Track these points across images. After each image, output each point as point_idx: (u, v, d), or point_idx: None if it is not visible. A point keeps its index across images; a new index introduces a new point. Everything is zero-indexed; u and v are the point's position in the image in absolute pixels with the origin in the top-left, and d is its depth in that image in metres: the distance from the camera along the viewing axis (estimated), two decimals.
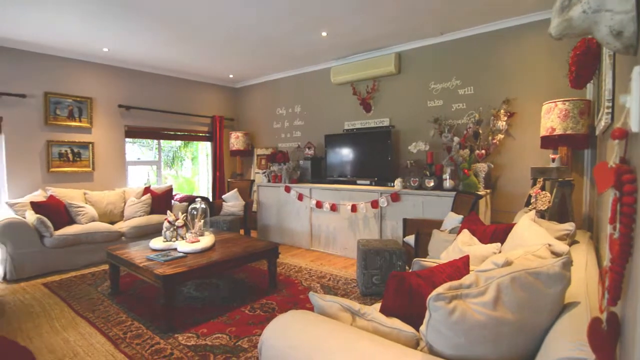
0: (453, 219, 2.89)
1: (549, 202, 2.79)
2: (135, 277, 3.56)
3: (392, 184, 4.25)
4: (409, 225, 3.52)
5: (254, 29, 3.95)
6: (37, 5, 3.32)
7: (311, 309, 1.34)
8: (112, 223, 4.61)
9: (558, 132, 2.85)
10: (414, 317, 1.31)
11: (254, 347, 2.32)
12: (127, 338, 2.45)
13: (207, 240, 3.27)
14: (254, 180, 6.08)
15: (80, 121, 4.91)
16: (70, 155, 4.83)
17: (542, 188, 2.92)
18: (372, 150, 4.65)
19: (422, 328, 1.09)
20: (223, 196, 5.74)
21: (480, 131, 3.83)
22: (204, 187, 6.93)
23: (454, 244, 2.08)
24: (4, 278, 3.68)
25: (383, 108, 4.81)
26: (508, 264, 1.22)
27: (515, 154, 3.76)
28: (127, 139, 5.46)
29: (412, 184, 3.96)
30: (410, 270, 1.76)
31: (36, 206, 3.97)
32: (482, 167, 3.68)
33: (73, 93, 4.85)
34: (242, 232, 5.31)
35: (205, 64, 5.45)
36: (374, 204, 4.17)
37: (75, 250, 4.04)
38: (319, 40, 4.34)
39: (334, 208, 4.56)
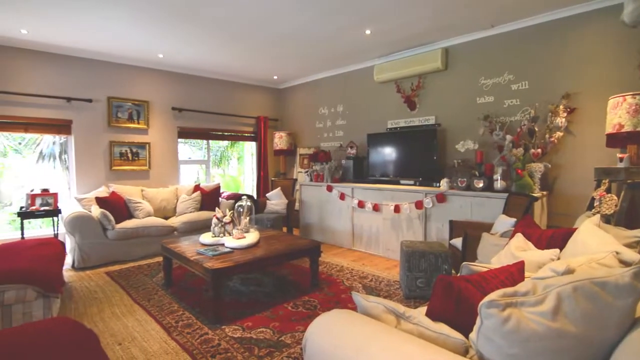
0: (505, 222, 2.74)
1: (616, 205, 2.54)
2: (186, 269, 3.76)
3: (438, 184, 4.11)
4: (455, 228, 3.39)
5: (300, 30, 4.01)
6: (102, 17, 3.63)
7: (353, 308, 1.34)
8: (166, 218, 4.92)
9: (627, 128, 2.58)
10: (462, 323, 1.26)
11: (296, 343, 2.36)
12: (179, 327, 2.60)
13: (252, 236, 3.37)
14: (296, 179, 6.17)
15: (138, 123, 5.29)
16: (129, 155, 5.22)
17: (608, 190, 2.66)
18: (416, 150, 4.53)
19: (472, 335, 1.04)
20: (267, 194, 5.89)
21: (536, 129, 3.58)
22: (248, 186, 7.16)
23: (506, 249, 1.96)
24: (73, 266, 4.07)
25: (428, 106, 4.66)
26: (569, 272, 1.14)
27: (575, 153, 3.47)
28: (179, 140, 5.79)
29: (460, 185, 3.80)
30: (459, 275, 1.70)
31: (100, 201, 4.33)
32: (537, 167, 3.44)
33: (132, 97, 5.24)
34: (284, 229, 5.42)
35: (252, 66, 5.62)
36: (418, 205, 4.06)
37: (133, 243, 4.35)
38: (363, 39, 4.31)
39: (376, 208, 4.50)
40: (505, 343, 0.93)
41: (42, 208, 4.39)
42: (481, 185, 3.64)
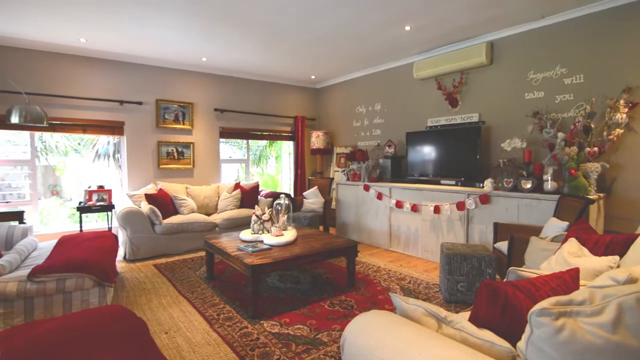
0: (556, 226, 2.56)
1: None
2: (227, 264, 3.90)
3: (482, 185, 3.94)
4: (500, 231, 3.22)
5: (338, 29, 4.01)
6: (152, 25, 3.84)
7: (390, 310, 1.32)
8: (208, 214, 5.13)
9: None
10: (509, 331, 1.20)
11: (333, 341, 2.37)
12: (220, 319, 2.70)
13: (290, 234, 3.43)
14: (333, 178, 6.18)
15: (183, 124, 5.55)
16: (175, 154, 5.50)
17: None
18: (458, 148, 4.37)
19: (520, 344, 0.99)
20: (304, 193, 5.96)
21: (592, 125, 3.32)
22: (286, 184, 7.28)
23: (557, 254, 1.84)
24: (124, 258, 4.35)
25: (471, 102, 4.47)
26: (632, 281, 1.04)
27: (638, 152, 3.18)
28: (220, 139, 6.01)
29: (506, 185, 3.61)
30: (505, 280, 1.61)
31: (149, 198, 4.60)
32: (594, 167, 3.19)
33: (178, 99, 5.51)
34: (321, 228, 5.44)
35: (290, 67, 5.70)
36: (460, 206, 3.91)
37: (178, 237, 4.58)
38: (402, 35, 4.22)
39: (415, 208, 4.39)
40: (558, 355, 0.87)
41: (98, 203, 4.74)
42: (529, 186, 3.44)
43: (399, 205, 4.58)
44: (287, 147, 7.27)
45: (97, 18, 3.67)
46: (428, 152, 4.74)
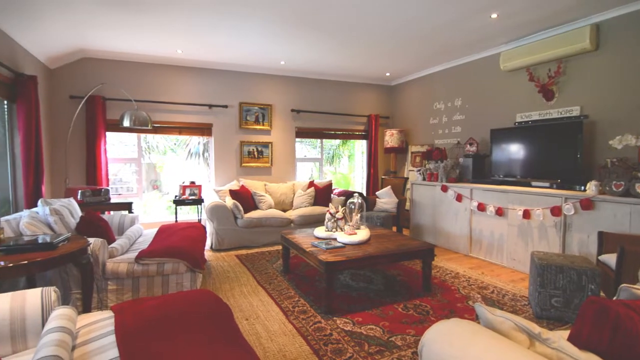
0: None
1: None
2: (301, 259, 4.04)
3: (583, 188, 3.47)
4: (607, 241, 2.80)
5: (416, 20, 3.85)
6: (241, 30, 4.14)
7: (471, 320, 1.23)
8: (284, 211, 5.36)
9: None
10: (618, 357, 1.04)
11: (407, 346, 2.30)
12: (295, 312, 2.80)
13: (363, 234, 3.41)
14: (407, 178, 5.99)
15: (263, 125, 5.89)
16: (255, 153, 5.86)
17: None
18: (554, 146, 3.89)
19: None
20: (377, 192, 5.88)
21: None
22: (358, 183, 7.26)
23: None
24: (211, 247, 4.77)
25: (571, 94, 3.96)
26: None
27: None
28: (296, 139, 6.23)
29: (615, 189, 3.12)
30: (615, 298, 1.40)
31: (233, 193, 4.98)
32: None
33: (258, 101, 5.85)
34: (394, 229, 5.32)
35: (365, 65, 5.66)
36: (555, 211, 3.49)
37: (257, 231, 4.87)
38: (487, 24, 3.90)
39: (500, 212, 4.04)
40: None
41: (190, 197, 5.27)
42: None
43: (481, 208, 4.26)
44: (359, 146, 7.25)
45: (191, 31, 4.07)
46: (516, 150, 4.32)
